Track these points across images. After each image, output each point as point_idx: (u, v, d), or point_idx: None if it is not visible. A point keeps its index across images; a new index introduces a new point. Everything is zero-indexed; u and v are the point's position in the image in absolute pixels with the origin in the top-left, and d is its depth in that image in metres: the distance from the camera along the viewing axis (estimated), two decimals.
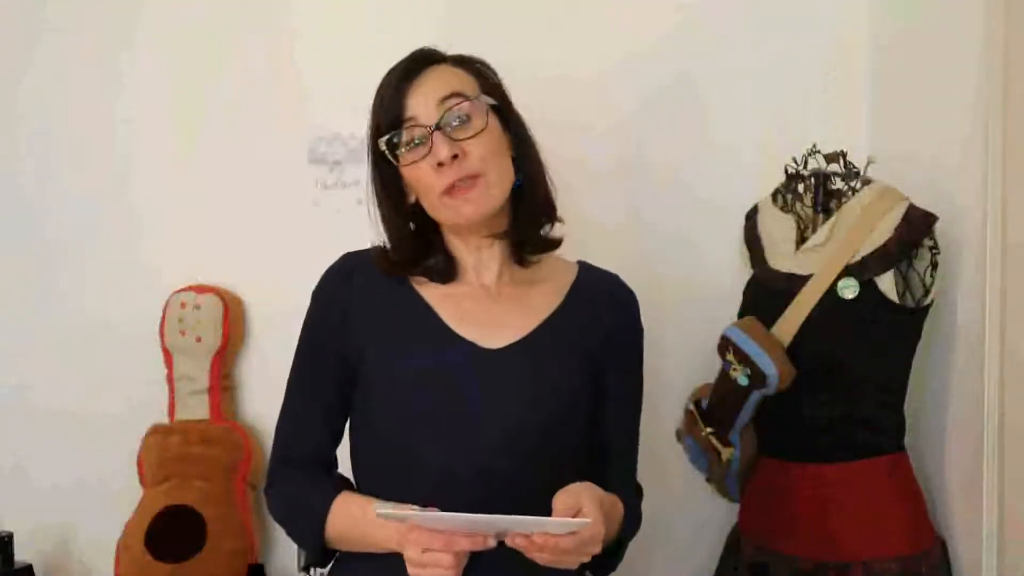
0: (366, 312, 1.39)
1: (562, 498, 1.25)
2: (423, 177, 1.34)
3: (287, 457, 1.42)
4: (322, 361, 1.40)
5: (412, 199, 1.41)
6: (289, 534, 1.43)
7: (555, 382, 1.37)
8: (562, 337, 1.40)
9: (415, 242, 1.41)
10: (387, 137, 1.34)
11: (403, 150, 1.34)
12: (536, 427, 1.34)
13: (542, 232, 1.45)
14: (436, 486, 1.31)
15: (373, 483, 1.39)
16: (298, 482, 1.39)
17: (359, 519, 1.31)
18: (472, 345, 1.36)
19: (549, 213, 1.44)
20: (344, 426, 1.44)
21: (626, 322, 1.48)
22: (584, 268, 1.50)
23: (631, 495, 1.48)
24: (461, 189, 1.33)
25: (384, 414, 1.36)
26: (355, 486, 1.42)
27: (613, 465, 1.46)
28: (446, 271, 1.41)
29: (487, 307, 1.40)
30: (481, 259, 1.42)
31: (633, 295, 1.50)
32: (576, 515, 1.23)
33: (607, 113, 2.05)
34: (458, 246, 1.42)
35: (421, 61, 1.36)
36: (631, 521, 1.44)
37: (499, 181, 1.35)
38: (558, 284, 1.45)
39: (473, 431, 1.32)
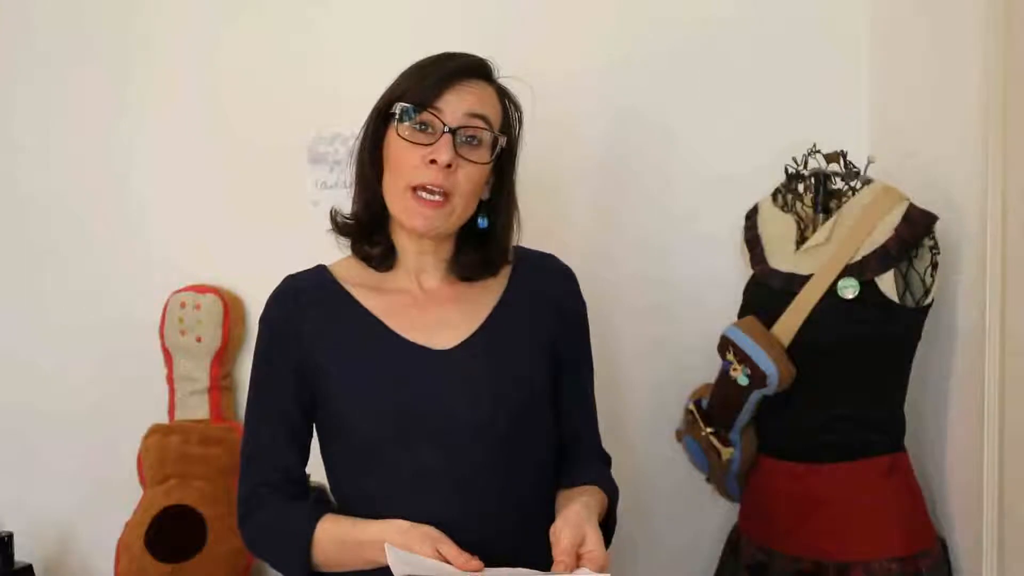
0: (317, 328, 1.40)
1: (566, 532, 1.25)
2: (407, 160, 1.35)
3: (261, 483, 1.40)
4: (281, 383, 1.40)
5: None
6: (273, 564, 1.41)
7: (513, 371, 1.39)
8: (511, 325, 1.42)
9: (379, 213, 1.42)
10: (408, 106, 1.35)
11: (408, 123, 1.35)
12: (501, 418, 1.35)
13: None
14: (410, 489, 1.33)
15: (349, 493, 1.40)
16: (275, 509, 1.38)
17: (351, 540, 1.30)
18: (423, 349, 1.38)
19: (502, 258, 1.46)
20: (309, 445, 1.44)
21: (570, 297, 1.51)
22: (519, 253, 1.51)
23: (602, 468, 1.50)
24: (427, 202, 1.34)
25: (350, 426, 1.37)
26: (331, 499, 1.43)
27: (581, 438, 1.49)
28: (384, 259, 1.43)
29: (430, 310, 1.42)
30: (423, 264, 1.44)
31: (570, 270, 1.52)
32: (581, 544, 1.25)
33: (604, 113, 2.05)
34: (404, 244, 1.43)
35: (475, 70, 1.38)
36: (612, 494, 1.45)
37: (459, 213, 1.38)
38: (497, 274, 1.47)
39: (438, 431, 1.33)
